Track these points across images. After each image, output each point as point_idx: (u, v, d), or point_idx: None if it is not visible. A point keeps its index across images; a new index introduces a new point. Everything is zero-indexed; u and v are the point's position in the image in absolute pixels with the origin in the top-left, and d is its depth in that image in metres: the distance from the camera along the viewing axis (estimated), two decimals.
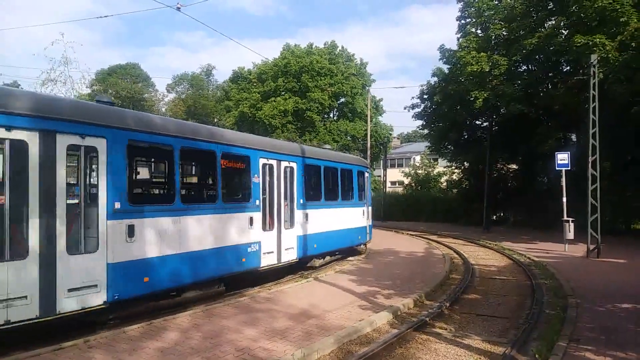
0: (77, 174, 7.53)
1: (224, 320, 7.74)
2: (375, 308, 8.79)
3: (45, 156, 6.60)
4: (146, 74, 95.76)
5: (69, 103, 7.85)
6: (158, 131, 8.50)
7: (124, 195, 7.66)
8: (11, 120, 6.27)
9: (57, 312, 6.67)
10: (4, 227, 6.22)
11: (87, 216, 7.25)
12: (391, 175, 48.37)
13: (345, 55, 49.36)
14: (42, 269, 6.50)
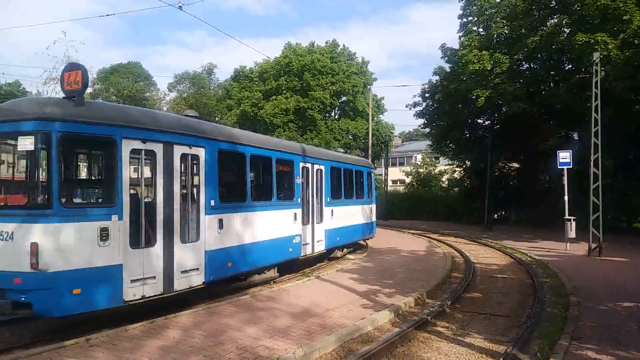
0: (185, 177, 8.85)
1: (226, 319, 7.74)
2: (376, 306, 8.79)
3: (166, 163, 8.06)
4: (147, 73, 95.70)
5: (181, 120, 9.22)
6: (237, 141, 10.22)
7: (216, 194, 9.24)
8: (146, 135, 7.72)
9: (174, 290, 8.14)
10: (140, 220, 7.53)
11: (193, 211, 8.75)
12: (393, 174, 48.34)
13: (346, 54, 49.30)
14: (164, 255, 7.93)
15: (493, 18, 25.53)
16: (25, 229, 6.48)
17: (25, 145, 6.72)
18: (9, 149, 7.60)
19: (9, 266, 6.44)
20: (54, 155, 6.66)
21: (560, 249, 17.53)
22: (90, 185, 7.98)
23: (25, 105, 7.17)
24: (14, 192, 7.79)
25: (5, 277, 6.42)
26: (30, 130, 6.68)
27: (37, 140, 6.67)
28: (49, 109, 6.81)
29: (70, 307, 6.69)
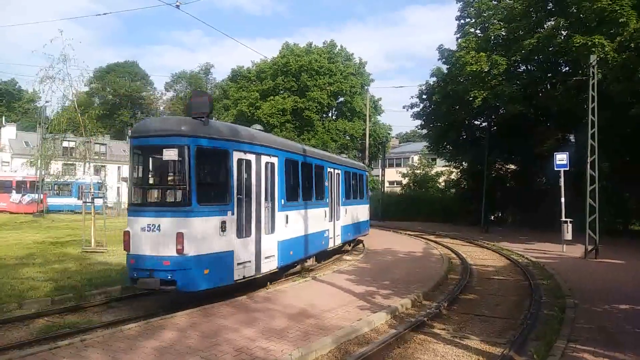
0: (267, 181, 10.47)
1: (222, 320, 7.71)
2: (373, 308, 8.77)
3: (257, 170, 10.00)
4: (144, 72, 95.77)
5: (266, 135, 11.49)
6: (295, 151, 12.52)
7: (284, 195, 11.25)
8: (246, 148, 9.67)
9: (260, 273, 10.05)
10: (242, 216, 9.42)
11: (271, 209, 10.58)
12: (389, 175, 48.39)
13: (344, 55, 49.36)
14: (256, 244, 9.83)
15: (490, 20, 25.57)
16: (172, 222, 8.26)
17: (170, 156, 8.60)
18: (158, 158, 9.10)
19: (159, 252, 8.20)
20: (192, 164, 8.41)
21: (556, 251, 17.56)
22: (213, 188, 9.27)
23: (171, 124, 9.07)
24: (162, 194, 9.69)
25: (156, 260, 8.17)
26: (175, 144, 8.48)
27: (179, 152, 8.49)
28: (186, 127, 8.53)
29: (201, 284, 8.47)
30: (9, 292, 9.40)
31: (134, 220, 8.57)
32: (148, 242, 8.30)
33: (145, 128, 9.19)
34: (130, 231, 8.51)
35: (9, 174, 45.04)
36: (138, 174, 9.35)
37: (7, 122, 61.67)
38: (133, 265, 8.46)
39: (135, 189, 9.36)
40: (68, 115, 16.10)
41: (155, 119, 11.99)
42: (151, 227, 8.29)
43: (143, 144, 9.08)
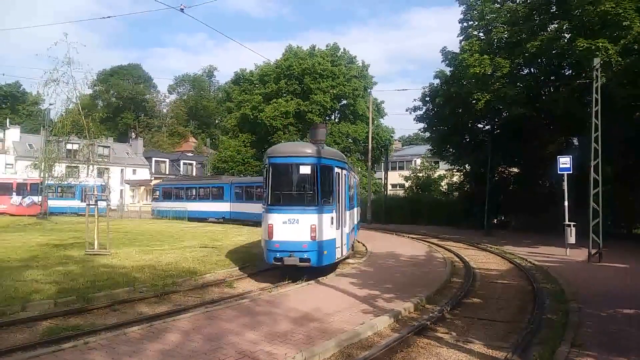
0: (341, 187, 13.25)
1: (225, 323, 7.71)
2: (376, 312, 8.76)
3: (340, 179, 13.24)
4: (148, 75, 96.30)
5: (337, 153, 14.26)
6: (347, 164, 15.00)
7: (348, 197, 14.34)
8: (338, 164, 13.10)
9: (342, 256, 13.35)
10: (339, 213, 12.91)
11: (342, 209, 13.30)
12: (392, 178, 48.34)
13: (347, 58, 49.43)
14: (342, 235, 13.13)
15: (493, 23, 25.55)
16: (306, 217, 11.70)
17: (304, 171, 12.03)
18: (295, 172, 12.28)
19: (299, 238, 11.55)
20: (318, 177, 11.93)
21: (560, 255, 17.50)
22: (326, 193, 12.29)
23: (304, 148, 12.56)
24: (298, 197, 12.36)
25: (296, 244, 11.56)
26: (308, 163, 11.98)
27: (312, 168, 11.97)
28: (313, 152, 12.23)
29: (324, 261, 11.93)
30: (12, 294, 9.42)
31: (275, 216, 11.74)
32: (289, 231, 11.56)
33: (284, 150, 12.83)
34: (273, 224, 11.65)
35: (9, 176, 45.18)
36: (278, 183, 12.30)
37: (11, 124, 61.89)
38: (278, 249, 11.66)
39: (275, 193, 12.22)
40: (72, 118, 16.17)
41: (289, 144, 17.61)
42: (292, 221, 11.60)
43: (283, 161, 12.30)
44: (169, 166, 70.64)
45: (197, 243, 19.39)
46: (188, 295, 10.48)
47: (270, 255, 11.78)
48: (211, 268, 13.41)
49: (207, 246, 18.38)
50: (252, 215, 31.88)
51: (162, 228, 27.62)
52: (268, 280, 12.46)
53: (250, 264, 14.68)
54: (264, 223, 12.13)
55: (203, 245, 18.74)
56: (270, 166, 12.15)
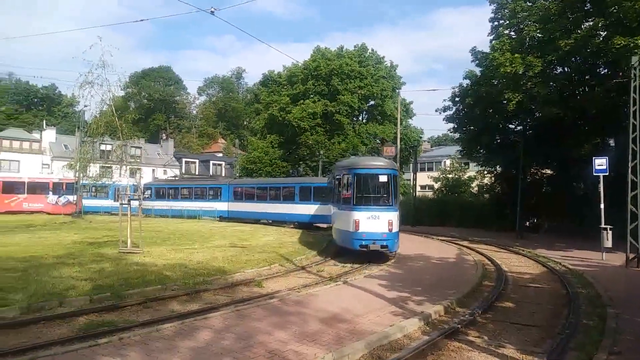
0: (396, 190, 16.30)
1: (255, 322, 7.78)
2: (405, 314, 8.69)
3: (398, 184, 16.65)
4: (178, 77, 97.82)
5: (395, 164, 18.08)
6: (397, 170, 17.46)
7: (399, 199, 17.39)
8: (395, 172, 16.34)
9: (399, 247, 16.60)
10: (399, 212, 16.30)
11: None
12: (421, 179, 47.84)
13: (375, 58, 49.18)
14: None
15: (525, 21, 25.02)
16: (385, 214, 15.21)
17: (384, 179, 15.70)
18: (375, 180, 15.89)
19: (380, 229, 14.96)
20: (392, 184, 15.70)
21: (596, 259, 16.99)
22: (395, 196, 15.95)
23: (383, 162, 16.94)
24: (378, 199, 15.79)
25: (378, 234, 14.92)
26: (385, 173, 15.79)
27: (388, 177, 15.73)
28: (389, 164, 16.73)
29: (395, 248, 15.87)
30: (50, 290, 9.72)
31: (361, 213, 15.07)
32: (372, 224, 14.93)
33: (366, 164, 16.59)
34: (359, 219, 14.96)
35: (45, 175, 46.69)
36: (362, 188, 15.66)
37: (48, 125, 63.98)
38: (364, 238, 14.88)
39: (359, 196, 15.48)
40: (106, 120, 16.56)
41: (369, 158, 21.04)
42: (374, 217, 15.01)
43: (366, 172, 15.89)
44: (199, 167, 71.70)
45: (226, 242, 19.62)
46: (218, 294, 10.61)
47: (356, 242, 15.02)
48: (240, 267, 13.54)
49: (236, 245, 18.57)
50: (248, 214, 34.09)
51: (191, 227, 28.05)
52: (297, 281, 12.51)
53: (278, 263, 14.77)
54: (347, 218, 15.54)
55: (232, 244, 18.95)
56: (355, 175, 15.65)
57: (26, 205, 40.66)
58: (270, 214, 32.88)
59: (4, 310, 8.22)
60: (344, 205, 16.28)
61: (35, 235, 21.38)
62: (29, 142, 58.46)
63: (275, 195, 32.68)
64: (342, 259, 16.64)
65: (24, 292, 9.34)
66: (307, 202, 29.56)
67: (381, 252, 15.65)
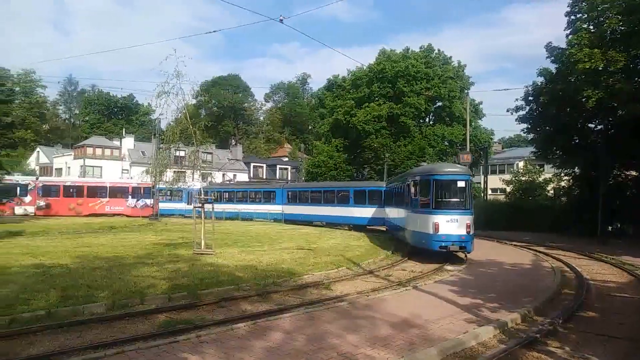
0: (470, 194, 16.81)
1: (325, 325, 7.81)
2: (479, 321, 8.38)
3: (470, 187, 16.75)
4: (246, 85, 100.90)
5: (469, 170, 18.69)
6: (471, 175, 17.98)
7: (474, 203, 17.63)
8: (470, 177, 17.03)
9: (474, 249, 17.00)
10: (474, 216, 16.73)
11: None
12: (492, 182, 46.07)
13: (442, 59, 48.13)
14: None
15: (605, 13, 23.43)
16: (463, 217, 15.89)
17: (461, 185, 16.34)
18: (453, 185, 16.56)
19: (457, 232, 15.72)
20: (468, 189, 16.41)
21: None
22: (471, 200, 16.86)
23: (460, 169, 17.71)
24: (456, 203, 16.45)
25: (457, 236, 15.72)
26: (463, 179, 16.45)
27: (465, 182, 16.38)
28: (466, 170, 17.51)
29: (471, 249, 16.31)
30: (132, 288, 10.30)
31: (440, 216, 15.84)
32: (451, 227, 15.73)
33: (445, 170, 17.16)
34: (439, 222, 15.73)
35: (125, 180, 49.71)
36: (441, 193, 16.46)
37: (127, 133, 68.20)
38: (443, 239, 15.69)
39: (438, 200, 16.29)
40: (181, 127, 17.34)
41: (447, 165, 21.26)
42: (453, 220, 15.76)
43: (445, 178, 16.63)
44: (266, 171, 73.45)
45: (294, 245, 19.91)
46: (288, 295, 10.78)
47: (436, 244, 15.83)
48: (308, 270, 13.67)
49: (303, 248, 18.80)
50: (302, 216, 35.36)
51: (259, 230, 28.73)
52: (365, 284, 12.44)
53: (346, 267, 14.76)
54: (425, 221, 16.35)
55: (299, 247, 19.20)
56: (434, 181, 16.48)
57: (108, 208, 43.46)
58: (324, 217, 33.66)
59: (93, 306, 8.82)
60: (421, 209, 16.99)
61: (117, 237, 22.81)
62: (110, 149, 62.63)
63: (329, 199, 33.64)
64: (410, 263, 16.47)
65: (109, 290, 9.97)
66: (362, 205, 30.40)
67: (455, 256, 16.36)
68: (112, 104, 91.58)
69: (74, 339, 7.19)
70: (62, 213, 40.71)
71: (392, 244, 20.97)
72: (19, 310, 8.19)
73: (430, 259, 16.50)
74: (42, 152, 70.22)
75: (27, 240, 20.27)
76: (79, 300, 9.07)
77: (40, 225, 29.66)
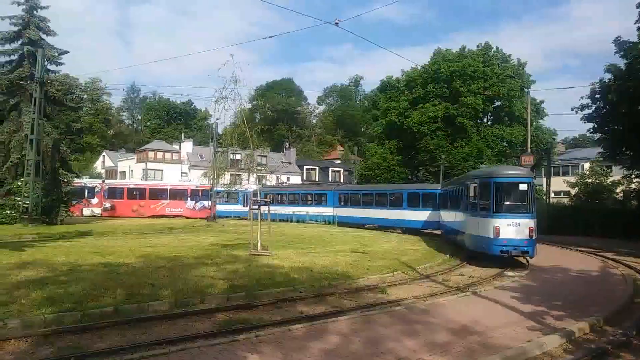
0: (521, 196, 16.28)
1: (382, 328, 7.73)
2: (544, 329, 8.01)
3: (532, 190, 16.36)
4: (299, 88, 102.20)
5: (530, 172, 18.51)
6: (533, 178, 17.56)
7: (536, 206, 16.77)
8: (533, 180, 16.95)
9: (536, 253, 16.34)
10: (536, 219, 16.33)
11: None
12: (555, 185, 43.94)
13: (500, 57, 46.56)
14: None
15: None
16: (525, 221, 15.49)
17: (523, 188, 15.96)
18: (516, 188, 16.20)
19: (520, 236, 15.29)
20: (531, 192, 16.04)
21: None
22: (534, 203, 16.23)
23: (522, 171, 17.63)
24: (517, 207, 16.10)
25: (519, 241, 15.30)
26: (525, 181, 16.07)
27: (527, 185, 15.99)
28: (527, 173, 17.25)
29: (534, 254, 15.77)
30: (193, 287, 10.62)
31: (501, 220, 15.53)
32: (512, 231, 15.32)
33: (506, 173, 17.06)
34: (499, 226, 15.40)
35: (184, 183, 51.51)
36: (502, 196, 16.08)
37: (185, 138, 70.77)
38: (504, 244, 15.33)
39: (499, 204, 15.91)
40: (239, 131, 17.74)
41: (508, 167, 21.85)
42: (514, 224, 15.37)
43: (506, 180, 16.35)
44: (319, 173, 73.91)
45: (348, 248, 19.85)
46: (343, 298, 10.75)
47: (497, 248, 15.51)
48: (363, 273, 13.59)
49: (357, 251, 18.71)
50: (354, 219, 34.96)
51: (313, 232, 28.89)
52: (422, 289, 12.22)
53: (401, 271, 14.56)
54: (484, 225, 15.99)
55: (353, 250, 19.12)
56: (494, 184, 16.10)
57: (168, 210, 45.20)
58: (376, 219, 33.28)
59: (157, 304, 9.17)
60: (481, 212, 16.59)
61: (177, 237, 23.65)
62: (170, 153, 65.21)
63: (381, 201, 33.14)
64: (469, 268, 16.04)
65: (171, 289, 10.33)
66: (416, 208, 29.87)
67: (516, 261, 16.07)
68: (172, 110, 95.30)
69: (139, 335, 7.51)
70: (125, 214, 42.75)
71: (448, 248, 20.47)
72: (89, 307, 8.65)
73: (490, 264, 15.99)
74: (107, 156, 74.25)
75: (95, 240, 21.42)
76: (144, 298, 9.46)
77: (106, 226, 31.29)
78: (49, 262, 13.30)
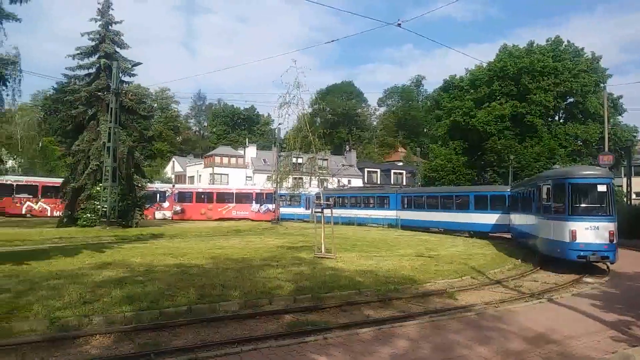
0: None
1: (452, 334, 7.52)
2: (630, 340, 7.47)
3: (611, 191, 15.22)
4: (359, 91, 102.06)
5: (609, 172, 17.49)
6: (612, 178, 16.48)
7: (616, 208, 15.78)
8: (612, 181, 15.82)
9: None
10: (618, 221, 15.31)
11: None
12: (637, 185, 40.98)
13: (572, 51, 44.15)
14: None
15: None
16: (605, 224, 14.60)
17: (602, 189, 15.00)
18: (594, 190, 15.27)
19: (600, 240, 14.40)
20: (611, 193, 15.06)
21: None
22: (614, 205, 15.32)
23: (601, 171, 16.62)
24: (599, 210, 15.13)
25: (598, 245, 14.38)
26: (604, 182, 15.10)
27: (607, 186, 15.01)
28: (606, 173, 16.40)
29: (615, 259, 14.73)
30: (261, 288, 10.84)
31: (577, 223, 14.68)
32: (590, 235, 14.44)
33: (583, 173, 16.04)
34: (576, 229, 14.55)
35: (249, 187, 52.89)
36: (579, 198, 15.25)
37: (249, 142, 72.68)
38: (582, 248, 14.46)
39: (575, 206, 15.12)
40: (302, 135, 17.95)
41: (585, 167, 21.04)
42: (593, 227, 14.49)
43: (583, 181, 15.50)
44: (380, 176, 73.30)
45: (413, 252, 19.52)
46: (410, 303, 10.57)
47: (574, 253, 14.67)
48: (430, 277, 13.28)
49: (423, 255, 18.35)
50: (418, 222, 34.13)
51: (376, 235, 28.68)
52: (492, 295, 11.78)
53: (470, 276, 14.11)
54: (559, 228, 15.19)
55: (419, 254, 18.78)
56: (570, 185, 15.28)
57: (234, 213, 46.58)
58: (441, 223, 32.35)
59: (227, 304, 9.45)
60: (555, 215, 15.79)
61: (243, 240, 24.30)
62: (235, 158, 67.18)
63: (447, 204, 32.19)
64: (542, 274, 15.29)
65: (240, 290, 10.61)
66: (484, 211, 28.68)
67: (595, 267, 15.18)
68: (236, 116, 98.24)
69: (212, 334, 7.77)
70: (194, 217, 44.51)
71: (520, 253, 19.60)
72: (165, 305, 9.06)
73: (565, 270, 15.18)
74: (176, 162, 77.75)
75: (167, 242, 22.44)
76: (215, 298, 9.78)
77: (177, 228, 32.70)
78: (127, 263, 14.08)
